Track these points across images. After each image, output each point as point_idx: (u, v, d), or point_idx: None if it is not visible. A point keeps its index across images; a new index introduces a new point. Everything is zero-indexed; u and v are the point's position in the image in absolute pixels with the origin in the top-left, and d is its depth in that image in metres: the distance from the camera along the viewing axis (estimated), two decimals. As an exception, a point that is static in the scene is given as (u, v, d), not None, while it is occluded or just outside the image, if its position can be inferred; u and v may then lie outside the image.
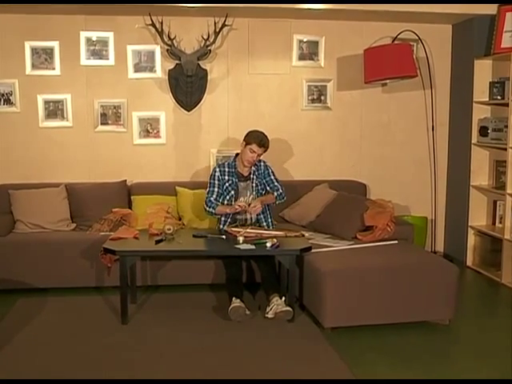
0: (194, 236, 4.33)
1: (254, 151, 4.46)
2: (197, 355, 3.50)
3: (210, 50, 5.24)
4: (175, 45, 5.18)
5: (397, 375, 3.27)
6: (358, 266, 3.90)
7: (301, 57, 5.50)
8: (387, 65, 5.14)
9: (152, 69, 5.32)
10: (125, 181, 5.25)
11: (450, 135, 5.76)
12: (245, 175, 4.60)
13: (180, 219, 5.00)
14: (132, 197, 5.14)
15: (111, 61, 5.26)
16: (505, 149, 4.97)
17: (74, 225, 4.96)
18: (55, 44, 5.16)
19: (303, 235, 4.40)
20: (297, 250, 4.02)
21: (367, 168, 5.70)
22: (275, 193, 4.59)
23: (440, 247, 5.86)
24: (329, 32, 5.47)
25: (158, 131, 5.41)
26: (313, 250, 4.10)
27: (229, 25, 5.18)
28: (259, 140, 4.45)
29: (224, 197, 4.55)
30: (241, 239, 4.07)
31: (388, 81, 5.53)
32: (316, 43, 5.49)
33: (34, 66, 5.18)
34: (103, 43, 5.22)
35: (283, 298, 4.05)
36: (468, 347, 3.71)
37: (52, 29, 5.14)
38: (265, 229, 4.48)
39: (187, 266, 4.62)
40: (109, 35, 5.22)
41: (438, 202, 5.78)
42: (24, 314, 4.13)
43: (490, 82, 5.20)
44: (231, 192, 4.55)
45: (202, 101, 5.38)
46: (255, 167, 4.62)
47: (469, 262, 5.46)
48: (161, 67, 5.31)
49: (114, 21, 5.20)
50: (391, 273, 3.87)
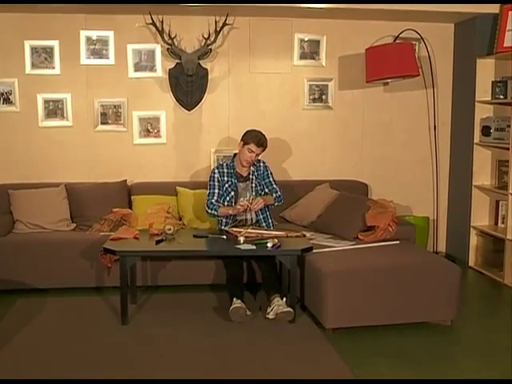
0: (195, 236, 4.32)
1: (253, 151, 4.42)
2: (197, 356, 3.49)
3: (211, 49, 5.23)
4: (176, 44, 5.16)
5: (398, 376, 3.26)
6: (360, 267, 3.88)
7: (302, 56, 5.49)
8: (389, 64, 5.13)
9: (152, 68, 5.31)
10: (125, 181, 5.23)
11: (452, 135, 5.74)
12: (244, 175, 4.56)
13: (180, 219, 4.99)
14: (132, 197, 5.13)
15: (111, 60, 5.25)
16: (507, 148, 4.95)
17: (74, 225, 4.95)
18: (55, 43, 5.16)
19: (304, 235, 4.38)
20: (298, 251, 4.00)
21: (369, 168, 5.68)
22: (274, 195, 4.55)
23: (442, 247, 5.84)
24: (330, 31, 5.46)
25: (159, 131, 5.40)
26: (314, 251, 4.08)
27: (230, 24, 5.17)
28: (257, 139, 4.41)
29: (224, 198, 4.52)
30: (241, 239, 4.06)
31: (390, 80, 5.52)
32: (317, 42, 5.47)
33: (34, 65, 5.17)
34: (103, 42, 5.21)
35: (284, 299, 4.03)
36: (470, 348, 3.70)
37: (52, 28, 5.14)
38: (266, 229, 4.45)
39: (188, 267, 4.61)
40: (109, 34, 5.21)
41: (440, 202, 5.76)
42: (24, 315, 4.11)
43: (493, 81, 5.18)
44: (231, 193, 4.52)
45: (203, 100, 5.37)
46: (254, 167, 4.58)
47: (471, 263, 5.44)
48: (161, 66, 5.30)
49: (114, 20, 5.19)
50: (393, 273, 3.86)
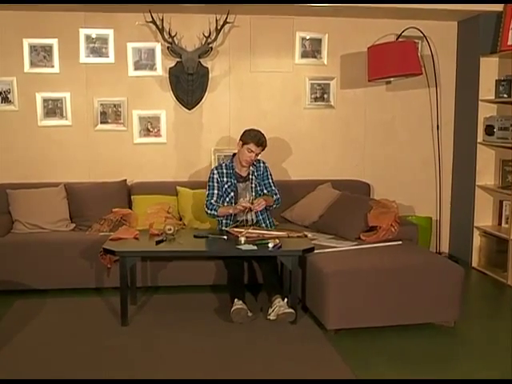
0: (195, 236, 4.30)
1: (252, 151, 4.38)
2: (198, 357, 3.48)
3: (212, 48, 5.20)
4: (176, 42, 5.14)
5: (400, 378, 3.23)
6: (362, 267, 3.86)
7: (303, 54, 5.46)
8: (391, 63, 5.10)
9: (152, 67, 5.28)
10: (125, 180, 5.21)
11: (456, 134, 5.72)
12: (243, 176, 4.52)
13: (181, 219, 4.97)
14: (132, 196, 5.11)
15: (111, 58, 5.22)
16: (511, 148, 4.92)
17: (74, 225, 4.93)
18: (54, 41, 5.13)
19: (306, 236, 4.36)
20: (299, 251, 3.98)
21: (371, 167, 5.66)
22: (274, 196, 4.52)
23: (445, 248, 5.82)
24: (332, 29, 5.44)
25: (159, 130, 5.37)
26: (316, 251, 4.06)
27: (230, 22, 5.15)
28: (257, 139, 4.37)
29: (224, 199, 4.49)
30: (242, 240, 4.04)
31: (392, 79, 5.50)
32: (319, 40, 5.45)
33: (33, 64, 5.14)
34: (103, 40, 5.19)
35: (285, 300, 4.01)
36: (473, 349, 3.67)
37: (51, 26, 5.11)
38: (266, 229, 4.42)
39: (188, 267, 4.58)
40: (109, 32, 5.18)
41: (443, 202, 5.73)
42: (23, 316, 4.09)
43: (496, 80, 5.17)
44: (231, 194, 4.49)
45: (203, 99, 5.34)
46: (254, 167, 4.55)
47: (474, 263, 5.42)
48: (161, 65, 5.28)
49: (114, 18, 5.17)
50: (395, 274, 3.84)
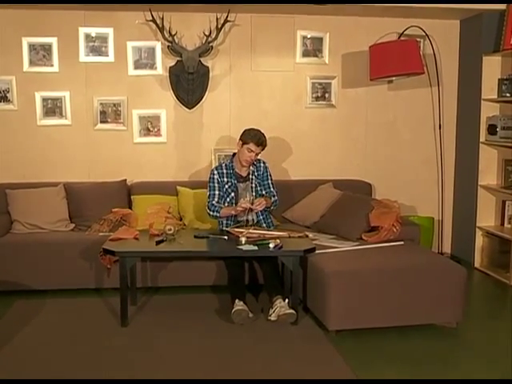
0: (196, 236, 4.28)
1: (252, 150, 4.36)
2: (198, 358, 3.47)
3: (212, 47, 5.19)
4: (176, 41, 5.12)
5: (402, 379, 3.22)
6: (364, 268, 3.85)
7: (305, 53, 5.44)
8: (393, 61, 5.09)
9: (152, 66, 5.26)
10: (125, 180, 5.19)
11: (458, 134, 5.70)
12: (243, 176, 4.51)
13: (181, 219, 4.95)
14: (132, 196, 5.10)
15: (111, 57, 5.21)
16: (514, 147, 4.90)
17: (73, 225, 4.92)
18: (53, 40, 5.11)
19: (307, 236, 4.35)
20: (300, 251, 3.96)
21: (372, 167, 5.64)
22: (272, 198, 4.49)
23: (447, 248, 5.80)
24: (333, 28, 5.42)
25: (159, 129, 5.35)
26: (317, 251, 4.05)
27: (231, 21, 5.14)
28: (257, 139, 4.35)
29: (224, 199, 4.47)
30: (243, 240, 4.02)
31: (394, 78, 5.48)
32: (320, 39, 5.43)
33: (32, 63, 5.12)
34: (103, 39, 5.17)
35: (286, 300, 3.99)
36: (476, 351, 3.66)
37: (50, 24, 5.10)
38: (267, 229, 4.40)
39: (188, 267, 4.57)
40: (108, 31, 5.17)
41: (446, 202, 5.71)
42: (22, 316, 4.08)
43: (499, 79, 5.15)
44: (231, 194, 4.47)
45: (204, 98, 5.32)
46: (254, 167, 4.53)
47: (477, 264, 5.40)
48: (161, 64, 5.26)
49: (114, 16, 5.15)
50: (397, 274, 3.82)
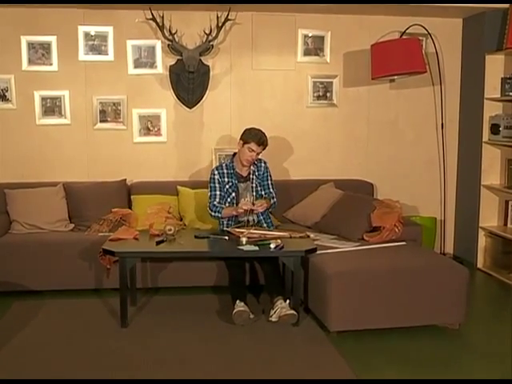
0: (196, 237, 4.27)
1: (253, 150, 4.33)
2: (198, 359, 3.46)
3: (213, 46, 5.17)
4: (176, 40, 5.11)
5: (403, 379, 3.22)
6: (365, 268, 3.84)
7: (306, 52, 5.42)
8: (395, 60, 5.08)
9: (152, 64, 5.25)
10: (124, 180, 5.18)
11: (460, 133, 5.68)
12: (244, 176, 4.49)
13: (181, 219, 4.94)
14: (132, 196, 5.09)
15: (110, 56, 5.19)
16: (517, 147, 4.88)
17: (72, 225, 4.91)
18: (52, 39, 5.10)
19: (308, 236, 4.34)
20: (302, 252, 3.95)
21: (374, 167, 5.62)
22: (271, 200, 4.47)
23: (449, 249, 5.78)
24: (335, 26, 5.40)
25: (159, 129, 5.34)
26: (318, 252, 4.04)
27: (232, 19, 5.12)
28: (258, 138, 4.32)
29: (225, 199, 4.45)
30: (244, 240, 4.01)
31: (396, 77, 5.46)
32: (322, 38, 5.41)
33: (31, 62, 5.11)
34: (102, 38, 5.15)
35: (287, 301, 3.98)
36: (479, 352, 3.64)
37: (49, 23, 5.08)
38: (268, 229, 4.38)
39: (189, 268, 4.56)
40: (108, 30, 5.15)
41: (448, 202, 5.68)
42: (21, 317, 4.08)
43: (502, 78, 5.13)
44: (232, 194, 4.45)
45: (204, 98, 5.31)
46: (255, 167, 4.50)
47: (479, 264, 5.39)
48: (161, 63, 5.24)
49: (114, 15, 5.13)
50: (399, 275, 3.82)
